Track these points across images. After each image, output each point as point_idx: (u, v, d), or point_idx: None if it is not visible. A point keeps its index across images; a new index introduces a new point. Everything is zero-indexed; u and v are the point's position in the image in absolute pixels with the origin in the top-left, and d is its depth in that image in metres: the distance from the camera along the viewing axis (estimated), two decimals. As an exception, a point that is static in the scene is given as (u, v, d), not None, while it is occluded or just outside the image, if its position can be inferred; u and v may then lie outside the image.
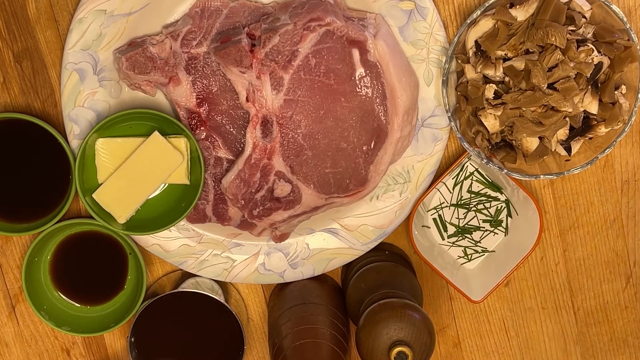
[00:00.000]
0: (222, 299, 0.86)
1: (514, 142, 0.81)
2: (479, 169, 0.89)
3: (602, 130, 0.80)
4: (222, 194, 0.84)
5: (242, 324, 0.84)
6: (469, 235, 0.90)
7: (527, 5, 0.77)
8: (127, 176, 0.82)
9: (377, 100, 0.81)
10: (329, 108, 0.81)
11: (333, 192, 0.83)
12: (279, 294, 0.89)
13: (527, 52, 0.77)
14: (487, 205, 0.89)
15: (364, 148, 0.82)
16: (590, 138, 0.81)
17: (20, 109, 0.85)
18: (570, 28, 0.77)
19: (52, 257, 0.88)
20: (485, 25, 0.79)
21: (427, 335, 0.76)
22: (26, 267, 0.84)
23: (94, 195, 0.82)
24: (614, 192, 0.90)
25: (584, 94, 0.78)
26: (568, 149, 0.81)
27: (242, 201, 0.83)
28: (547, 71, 0.75)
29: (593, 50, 0.76)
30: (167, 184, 0.85)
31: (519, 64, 0.76)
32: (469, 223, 0.90)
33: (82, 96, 0.82)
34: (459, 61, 0.80)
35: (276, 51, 0.78)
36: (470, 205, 0.89)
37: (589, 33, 0.77)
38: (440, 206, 0.89)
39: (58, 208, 0.83)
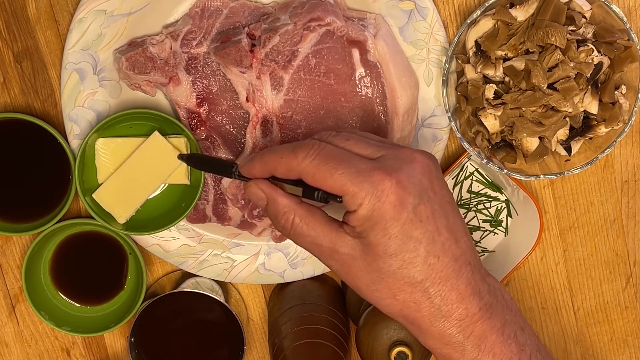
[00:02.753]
0: (222, 299, 0.86)
1: (514, 142, 0.81)
2: (479, 169, 0.89)
3: (602, 130, 0.80)
4: (222, 194, 0.84)
5: (242, 324, 0.84)
6: (469, 235, 0.90)
7: (527, 5, 0.77)
8: (127, 176, 0.82)
9: (377, 100, 0.81)
10: (329, 108, 0.81)
11: (333, 192, 0.83)
12: (279, 294, 0.89)
13: (527, 52, 0.77)
14: (487, 205, 0.89)
15: (364, 148, 0.82)
16: (590, 138, 0.81)
17: (20, 109, 0.85)
18: (570, 28, 0.77)
19: (52, 257, 0.88)
20: (485, 25, 0.79)
21: (427, 335, 0.76)
22: (26, 267, 0.84)
23: (94, 195, 0.82)
24: (614, 192, 0.90)
25: (584, 94, 0.78)
26: (568, 149, 0.81)
27: (242, 201, 0.83)
28: (547, 71, 0.75)
29: (593, 50, 0.76)
30: (167, 184, 0.85)
31: (519, 64, 0.76)
32: (469, 223, 0.90)
33: (82, 96, 0.82)
34: (459, 61, 0.80)
35: (276, 51, 0.78)
36: (470, 205, 0.89)
37: (589, 33, 0.77)
38: (440, 206, 0.89)
39: (58, 208, 0.83)
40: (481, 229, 0.90)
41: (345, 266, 0.64)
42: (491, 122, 0.79)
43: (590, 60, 0.77)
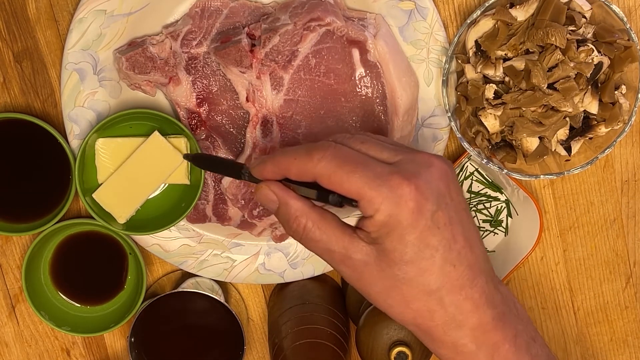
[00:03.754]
0: (222, 299, 0.86)
1: (514, 142, 0.81)
2: (479, 169, 0.89)
3: (602, 130, 0.80)
4: (222, 194, 0.84)
5: (242, 324, 0.84)
6: (469, 235, 0.90)
7: (527, 5, 0.77)
8: (127, 176, 0.82)
9: (377, 100, 0.81)
10: (329, 108, 0.81)
11: (333, 192, 0.83)
12: (279, 294, 0.89)
13: (527, 52, 0.77)
14: (487, 205, 0.89)
15: (364, 148, 0.82)
16: (590, 138, 0.81)
17: (20, 109, 0.85)
18: (570, 28, 0.77)
19: (52, 257, 0.88)
20: (485, 25, 0.79)
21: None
22: (26, 267, 0.84)
23: (94, 195, 0.82)
24: (614, 192, 0.90)
25: (584, 94, 0.78)
26: (568, 149, 0.81)
27: (242, 201, 0.83)
28: (547, 71, 0.75)
29: (593, 50, 0.76)
30: (167, 184, 0.85)
31: (519, 64, 0.76)
32: (469, 223, 0.90)
33: (82, 96, 0.82)
34: (459, 61, 0.80)
35: (276, 51, 0.78)
36: (470, 206, 0.89)
37: (589, 33, 0.77)
38: (440, 206, 0.89)
39: (58, 208, 0.83)
40: (481, 229, 0.90)
41: (357, 272, 0.62)
42: (491, 122, 0.79)
43: (590, 60, 0.77)
